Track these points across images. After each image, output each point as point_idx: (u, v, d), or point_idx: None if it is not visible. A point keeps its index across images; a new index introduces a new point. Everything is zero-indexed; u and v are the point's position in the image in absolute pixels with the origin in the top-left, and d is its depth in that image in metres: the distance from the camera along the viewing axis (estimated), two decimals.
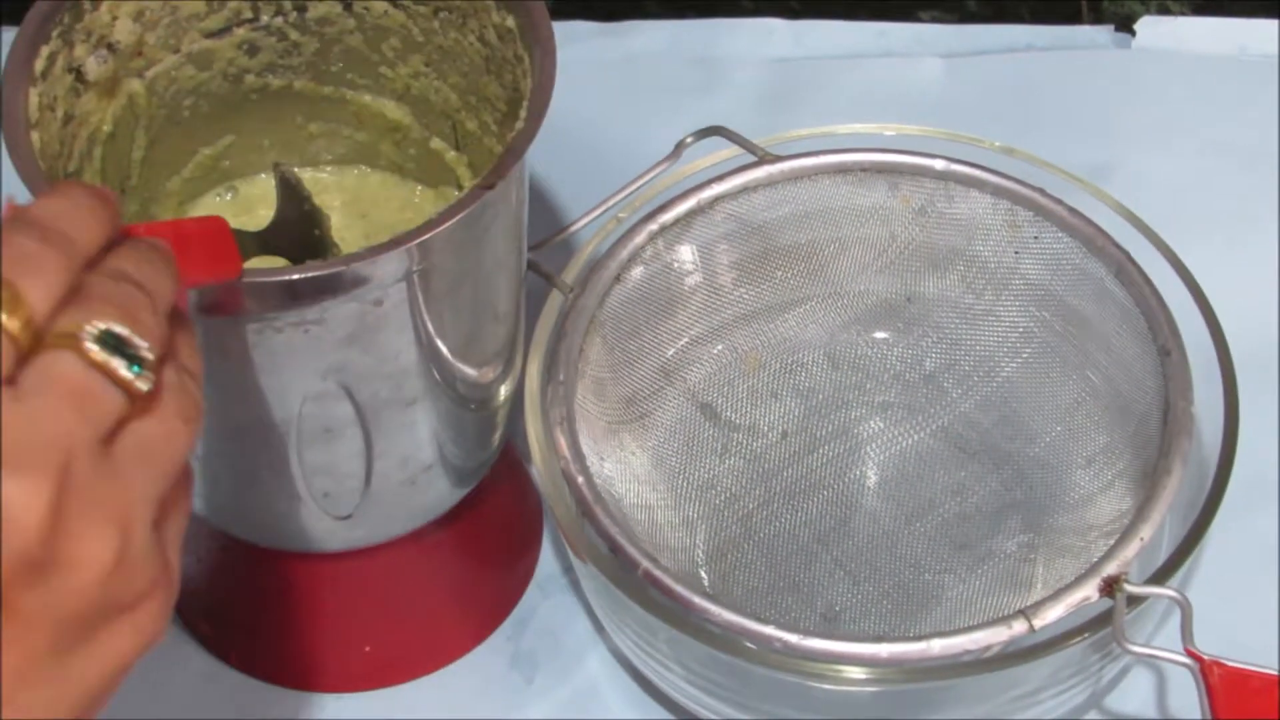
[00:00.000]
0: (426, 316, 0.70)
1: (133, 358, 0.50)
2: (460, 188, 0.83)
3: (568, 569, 0.90)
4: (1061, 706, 0.77)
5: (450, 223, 0.67)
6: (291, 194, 0.78)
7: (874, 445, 0.89)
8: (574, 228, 0.86)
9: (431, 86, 0.82)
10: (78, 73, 0.74)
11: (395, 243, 0.66)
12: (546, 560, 0.91)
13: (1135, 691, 0.84)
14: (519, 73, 0.75)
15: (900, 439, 0.89)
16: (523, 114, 0.71)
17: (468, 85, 0.80)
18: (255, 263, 0.75)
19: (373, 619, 0.86)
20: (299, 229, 0.78)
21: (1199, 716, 0.70)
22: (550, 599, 0.90)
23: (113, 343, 0.50)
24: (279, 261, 0.78)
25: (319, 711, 0.86)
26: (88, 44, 0.74)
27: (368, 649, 0.86)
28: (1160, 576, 0.74)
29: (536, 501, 0.92)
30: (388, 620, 0.86)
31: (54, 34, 0.72)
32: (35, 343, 0.49)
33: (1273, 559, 0.87)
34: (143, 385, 0.50)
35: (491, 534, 0.89)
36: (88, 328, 0.49)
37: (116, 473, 0.50)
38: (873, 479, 0.88)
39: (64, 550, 0.48)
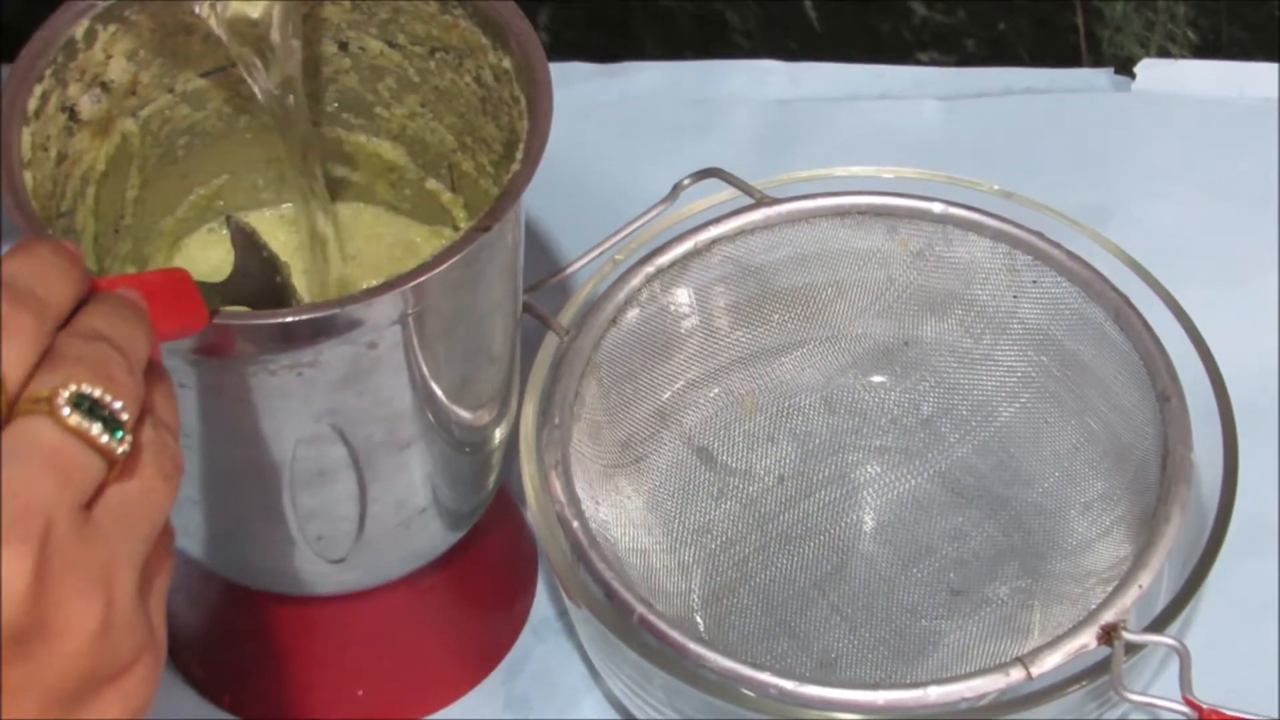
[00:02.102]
0: (421, 359, 0.70)
1: (109, 420, 0.49)
2: (456, 228, 0.83)
3: (563, 612, 0.89)
4: None
5: (446, 265, 0.66)
6: (248, 244, 0.77)
7: (871, 490, 0.89)
8: (570, 270, 0.86)
9: (428, 127, 0.82)
10: (71, 112, 0.74)
11: (390, 285, 0.65)
12: (541, 603, 0.91)
13: None
14: (515, 114, 0.74)
15: (897, 484, 0.89)
16: (519, 156, 0.70)
17: (464, 126, 0.80)
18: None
19: (366, 662, 0.85)
20: (260, 278, 0.77)
21: None
22: (545, 642, 0.89)
23: (88, 405, 0.49)
24: None
25: None
26: (81, 83, 0.74)
27: (360, 692, 0.85)
28: (1159, 624, 0.74)
29: (531, 544, 0.91)
30: (381, 663, 0.85)
31: (47, 73, 0.72)
32: (9, 410, 0.48)
33: (1272, 606, 0.87)
34: (120, 449, 0.50)
35: (486, 577, 0.88)
36: (63, 391, 0.49)
37: (98, 538, 0.49)
38: (869, 524, 0.88)
39: (48, 619, 0.47)
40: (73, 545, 0.48)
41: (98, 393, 0.49)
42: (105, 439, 0.49)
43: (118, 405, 0.50)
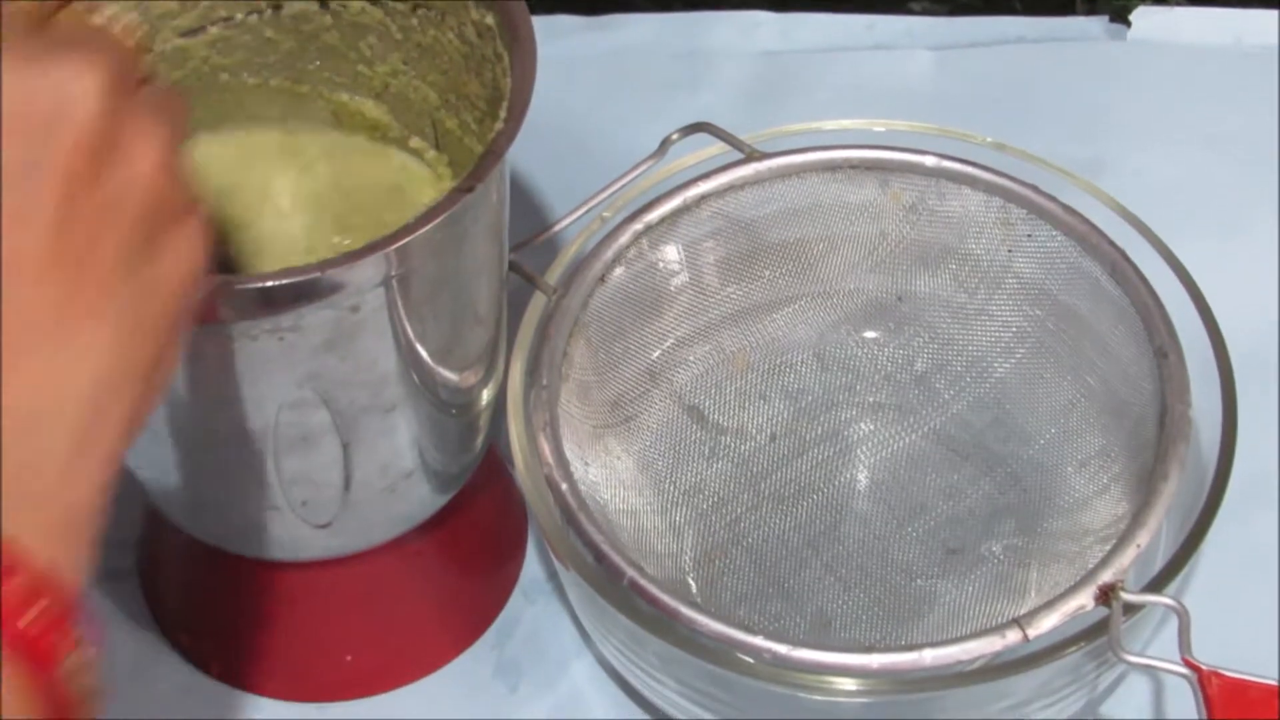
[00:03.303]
0: (405, 322, 0.69)
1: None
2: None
3: (553, 574, 0.88)
4: (1058, 714, 0.76)
5: (429, 226, 0.65)
6: None
7: (864, 448, 0.88)
8: (557, 227, 0.85)
9: (410, 85, 0.80)
10: None
11: (372, 248, 0.64)
12: (531, 565, 0.90)
13: (1132, 697, 0.83)
14: (499, 71, 0.73)
15: (891, 441, 0.88)
16: (502, 114, 0.69)
17: (447, 83, 0.79)
18: None
19: (354, 628, 0.85)
20: None
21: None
22: (535, 605, 0.88)
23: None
24: None
25: None
26: None
27: (349, 658, 0.85)
28: (1157, 584, 0.73)
29: (521, 505, 0.90)
30: (369, 629, 0.85)
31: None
32: None
33: (1272, 564, 0.86)
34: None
35: (475, 540, 0.87)
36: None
37: (149, 96, 0.53)
38: (863, 482, 0.87)
39: (124, 135, 0.50)
40: (135, 87, 0.52)
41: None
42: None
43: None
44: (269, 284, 0.64)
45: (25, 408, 0.48)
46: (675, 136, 0.87)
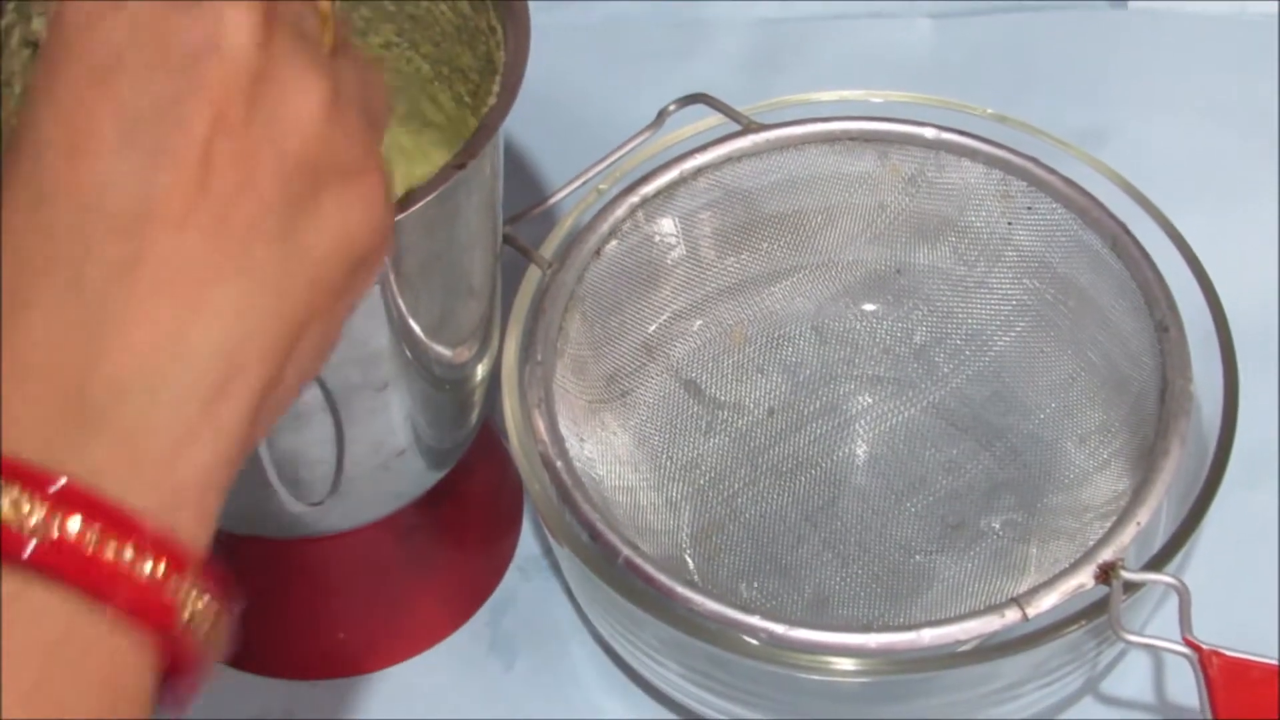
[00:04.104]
0: (398, 299, 0.68)
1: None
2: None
3: (549, 550, 0.88)
4: (1057, 693, 0.75)
5: (421, 203, 0.64)
6: None
7: (863, 421, 0.87)
8: (552, 200, 0.84)
9: (404, 56, 0.80)
10: (35, 46, 0.71)
11: None
12: (527, 541, 0.89)
13: (1132, 675, 0.82)
14: (492, 44, 0.72)
15: (890, 415, 0.87)
16: (495, 88, 0.68)
17: (440, 55, 0.78)
18: None
19: (347, 604, 0.84)
20: None
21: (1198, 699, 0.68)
22: (531, 581, 0.87)
23: None
24: None
25: (293, 699, 0.84)
26: (45, 16, 0.72)
27: (342, 635, 0.84)
28: (1158, 562, 0.72)
29: (516, 480, 0.89)
30: (362, 605, 0.84)
31: (9, 7, 0.70)
32: None
33: (1273, 542, 0.85)
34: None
35: (470, 515, 0.87)
36: None
37: (320, 44, 0.49)
38: (862, 456, 0.86)
39: (277, 78, 0.47)
40: (297, 36, 0.48)
41: None
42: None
43: None
44: None
45: (144, 365, 0.44)
46: (672, 108, 0.86)
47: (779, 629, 0.70)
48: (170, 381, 0.45)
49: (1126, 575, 0.70)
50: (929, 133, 0.84)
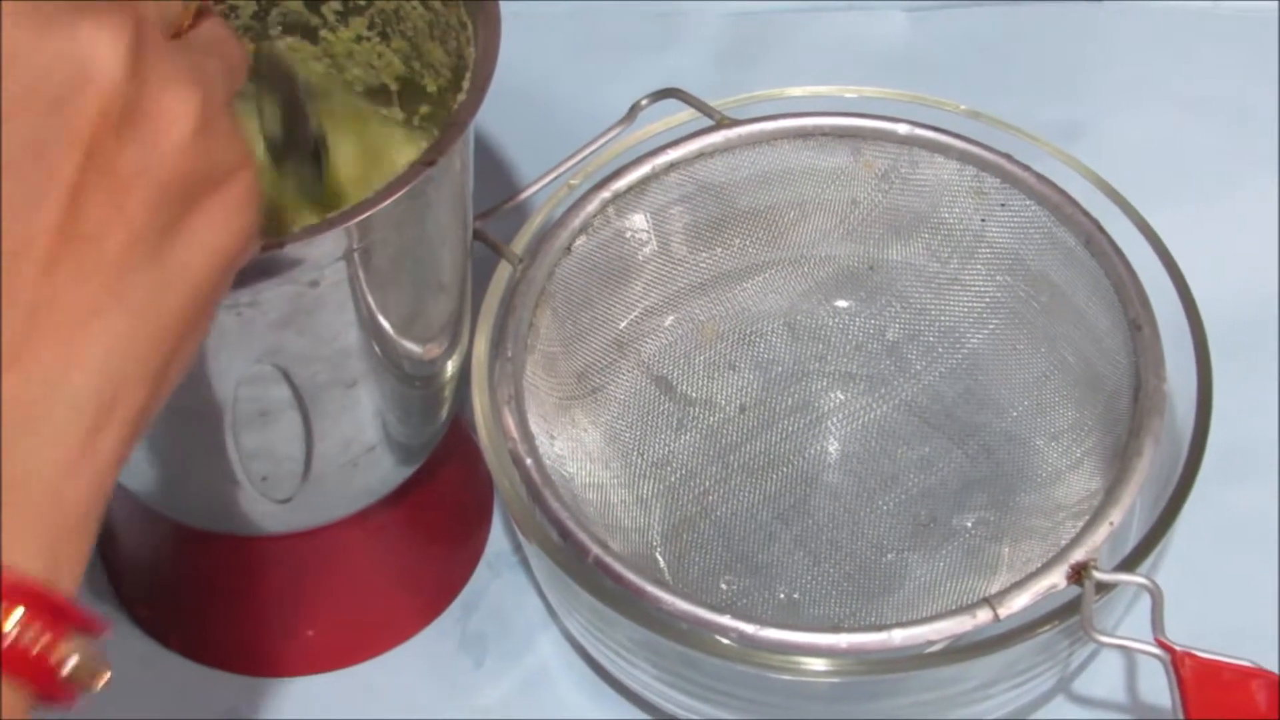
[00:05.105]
0: (367, 295, 0.68)
1: None
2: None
3: (519, 546, 0.87)
4: (1029, 693, 0.75)
5: (390, 200, 0.64)
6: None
7: (835, 419, 0.87)
8: (523, 195, 0.83)
9: (375, 51, 0.79)
10: None
11: (332, 223, 0.63)
12: (497, 537, 0.89)
13: (1104, 675, 0.82)
14: (463, 40, 0.72)
15: (862, 412, 0.87)
16: (465, 85, 0.68)
17: (412, 50, 0.77)
18: None
19: (316, 602, 0.83)
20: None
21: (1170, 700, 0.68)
22: (501, 577, 0.87)
23: None
24: None
25: (261, 696, 0.83)
26: None
27: (311, 633, 0.84)
28: (1130, 563, 0.72)
29: (487, 476, 0.88)
30: (332, 603, 0.83)
31: None
32: None
33: (1246, 542, 0.85)
34: None
35: (440, 512, 0.86)
36: None
37: (187, 47, 0.50)
38: (834, 454, 0.86)
39: (148, 104, 0.47)
40: (164, 44, 0.48)
41: None
42: None
43: None
44: None
45: (24, 407, 0.45)
46: (644, 102, 0.85)
47: (749, 629, 0.70)
48: (45, 425, 0.45)
49: (1099, 576, 0.70)
50: (902, 128, 0.84)
